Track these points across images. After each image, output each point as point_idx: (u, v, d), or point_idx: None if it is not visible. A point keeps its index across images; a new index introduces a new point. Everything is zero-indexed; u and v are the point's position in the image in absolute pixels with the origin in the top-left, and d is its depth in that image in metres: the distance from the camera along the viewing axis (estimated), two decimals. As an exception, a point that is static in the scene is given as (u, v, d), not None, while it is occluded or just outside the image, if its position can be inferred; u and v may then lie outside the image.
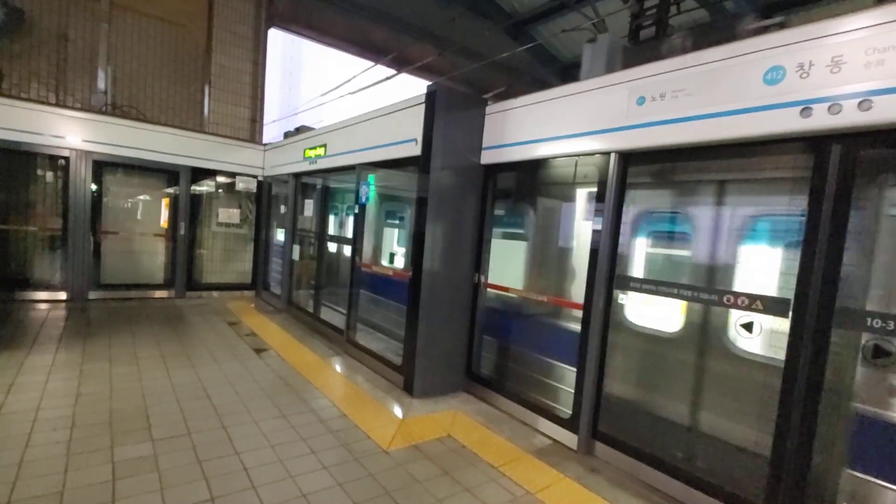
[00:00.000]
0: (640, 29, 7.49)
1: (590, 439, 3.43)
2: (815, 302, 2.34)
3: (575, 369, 3.52)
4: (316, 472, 2.87)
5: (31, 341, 4.83)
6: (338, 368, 4.94)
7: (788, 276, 2.51)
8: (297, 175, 7.25)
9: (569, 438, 3.52)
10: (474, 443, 3.45)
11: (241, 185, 8.24)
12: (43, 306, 6.39)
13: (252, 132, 9.09)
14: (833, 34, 2.31)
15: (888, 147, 2.23)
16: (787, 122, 2.43)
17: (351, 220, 6.52)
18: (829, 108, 2.28)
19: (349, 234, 5.87)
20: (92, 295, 7.00)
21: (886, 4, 2.18)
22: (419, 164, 4.31)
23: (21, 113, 6.30)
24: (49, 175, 6.90)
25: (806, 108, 2.36)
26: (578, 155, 3.57)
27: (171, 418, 3.40)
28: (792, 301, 2.43)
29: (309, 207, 7.42)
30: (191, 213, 7.84)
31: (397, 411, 3.93)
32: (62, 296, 6.76)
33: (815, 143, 2.38)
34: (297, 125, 8.14)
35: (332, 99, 9.54)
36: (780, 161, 2.83)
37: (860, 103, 2.19)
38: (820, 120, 2.32)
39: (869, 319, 2.21)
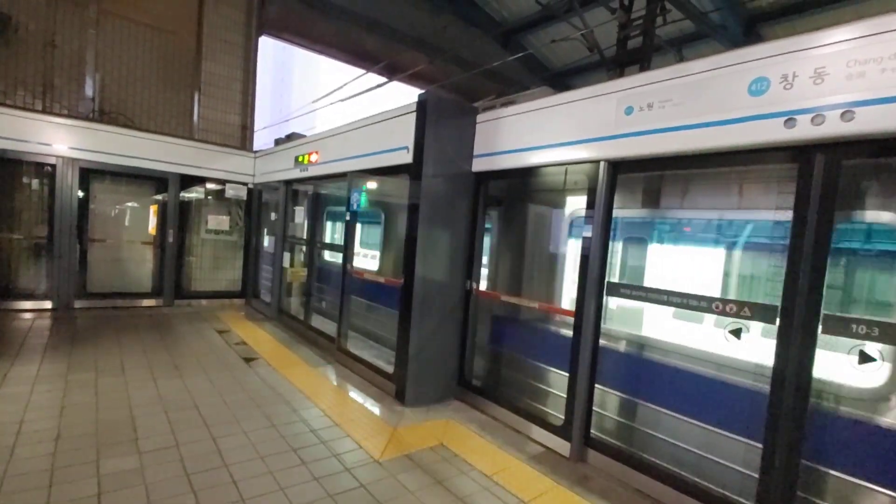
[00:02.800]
0: (628, 39, 7.63)
1: (582, 447, 3.43)
2: (801, 308, 2.37)
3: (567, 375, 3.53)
4: (307, 484, 2.84)
5: (15, 352, 4.73)
6: (329, 377, 4.90)
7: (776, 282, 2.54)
8: (287, 182, 7.22)
9: (561, 446, 3.52)
10: (467, 451, 3.44)
11: (230, 192, 8.19)
12: (27, 316, 6.27)
13: (242, 139, 9.05)
14: (815, 47, 2.36)
15: (870, 156, 2.29)
16: (772, 133, 2.48)
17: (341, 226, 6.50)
18: (813, 118, 2.33)
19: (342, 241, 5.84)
20: (78, 304, 6.88)
21: (866, 18, 2.24)
22: (411, 172, 4.32)
23: (6, 120, 6.22)
24: (35, 182, 6.81)
25: (790, 119, 2.41)
26: (569, 163, 3.61)
27: (159, 430, 3.35)
28: (779, 308, 2.47)
29: (299, 214, 7.38)
30: (180, 220, 7.77)
31: (389, 420, 3.91)
32: (47, 305, 6.64)
33: (800, 153, 2.43)
34: (288, 132, 8.12)
35: (323, 106, 9.54)
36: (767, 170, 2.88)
37: (843, 114, 2.24)
38: (804, 130, 2.37)
39: (854, 326, 2.25)
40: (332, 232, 8.39)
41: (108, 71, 7.98)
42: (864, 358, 2.30)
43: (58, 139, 6.57)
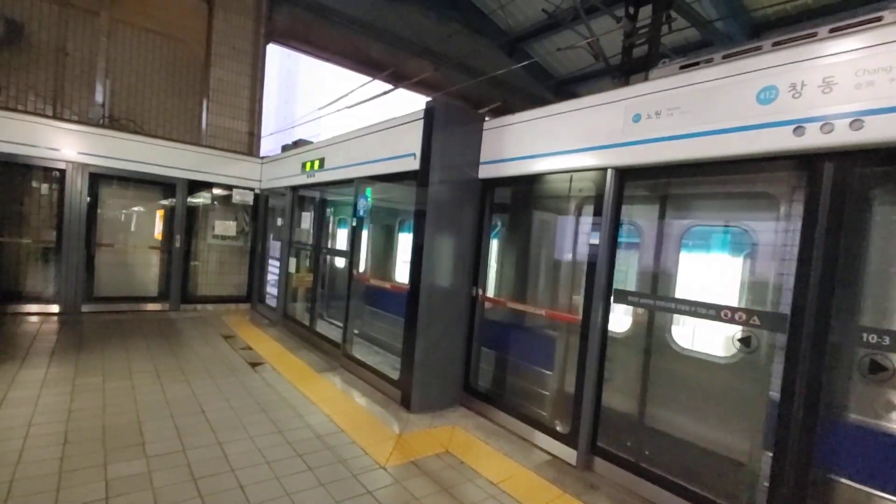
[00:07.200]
0: (633, 47, 7.66)
1: (589, 455, 3.41)
2: (811, 317, 2.36)
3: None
4: (313, 490, 2.83)
5: (23, 355, 4.76)
6: (334, 382, 4.89)
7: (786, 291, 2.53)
8: (294, 188, 7.27)
9: (567, 454, 3.50)
10: (473, 459, 3.43)
11: (237, 197, 8.25)
12: (34, 319, 6.31)
13: (250, 145, 9.12)
14: (824, 56, 2.37)
15: (880, 165, 2.29)
16: (781, 141, 2.49)
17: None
18: (822, 127, 2.34)
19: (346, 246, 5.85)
20: (85, 308, 6.92)
21: (875, 28, 2.25)
22: (418, 179, 4.34)
23: (18, 125, 6.30)
24: (44, 187, 6.88)
25: (799, 127, 2.41)
26: (576, 170, 3.62)
27: (166, 434, 3.36)
28: (789, 316, 2.46)
29: (306, 220, 7.42)
30: (186, 225, 7.82)
31: (395, 427, 3.90)
32: (55, 309, 6.69)
33: (809, 161, 2.43)
34: (295, 138, 8.18)
35: (329, 113, 9.60)
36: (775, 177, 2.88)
37: (851, 123, 2.25)
38: (813, 138, 2.37)
39: (865, 335, 2.23)
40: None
41: (118, 78, 8.08)
42: (875, 367, 2.28)
43: (67, 144, 6.65)
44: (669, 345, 3.76)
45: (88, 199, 6.90)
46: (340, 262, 7.03)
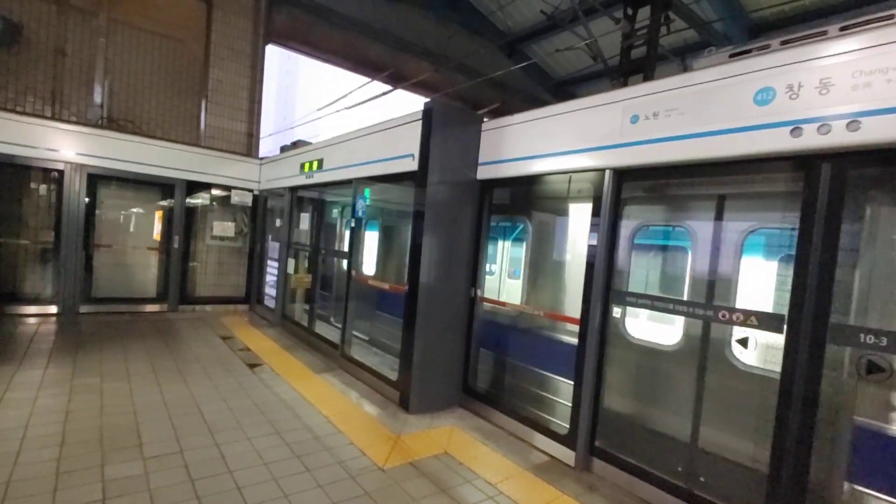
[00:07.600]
0: (632, 49, 7.67)
1: (587, 456, 3.41)
2: (809, 318, 2.36)
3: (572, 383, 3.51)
4: (311, 491, 2.83)
5: (21, 356, 4.75)
6: (333, 383, 4.89)
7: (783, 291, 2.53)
8: (293, 189, 7.27)
9: (566, 455, 3.49)
10: (471, 459, 3.42)
11: (236, 198, 8.24)
12: (33, 320, 6.30)
13: (248, 146, 9.12)
14: (821, 57, 2.38)
15: (877, 166, 2.29)
16: (778, 142, 2.49)
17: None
18: (819, 128, 2.34)
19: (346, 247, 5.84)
20: (83, 309, 6.91)
21: (872, 29, 2.25)
22: (416, 179, 4.34)
23: (16, 126, 6.29)
24: (42, 188, 6.87)
25: (796, 128, 2.42)
26: (574, 171, 3.62)
27: (163, 435, 3.35)
28: (786, 317, 2.46)
29: (304, 221, 7.42)
30: (185, 226, 7.82)
31: (393, 428, 3.89)
32: (53, 310, 6.67)
33: (806, 162, 2.44)
34: (294, 139, 8.18)
35: (328, 114, 9.60)
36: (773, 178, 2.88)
37: (849, 124, 2.25)
38: (810, 139, 2.38)
39: (862, 336, 2.23)
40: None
41: (117, 78, 8.07)
42: (873, 368, 2.28)
43: (66, 145, 6.65)
44: (729, 360, 3.47)
45: (87, 199, 6.89)
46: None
